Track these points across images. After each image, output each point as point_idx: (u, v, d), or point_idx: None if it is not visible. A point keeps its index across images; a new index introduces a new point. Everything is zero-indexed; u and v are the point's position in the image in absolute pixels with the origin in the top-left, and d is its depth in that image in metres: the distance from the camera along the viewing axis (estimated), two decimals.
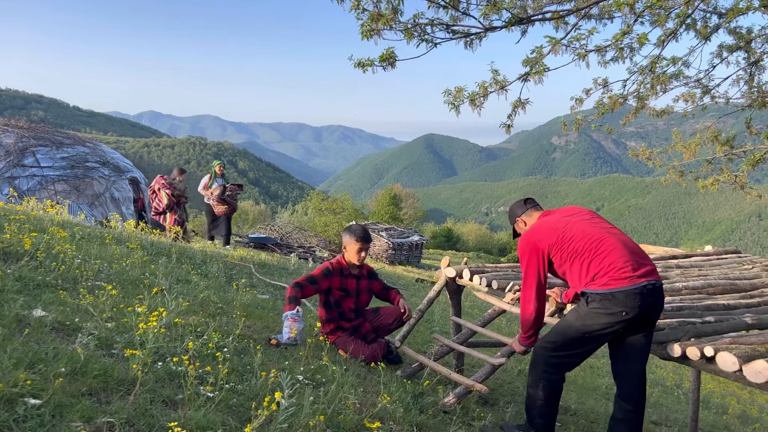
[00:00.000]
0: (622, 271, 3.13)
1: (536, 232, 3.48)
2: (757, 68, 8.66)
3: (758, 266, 5.61)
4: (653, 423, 6.15)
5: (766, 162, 9.21)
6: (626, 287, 3.10)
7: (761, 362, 2.80)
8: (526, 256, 3.44)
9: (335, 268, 4.46)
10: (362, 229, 4.52)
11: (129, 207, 14.94)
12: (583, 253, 3.26)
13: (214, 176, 11.32)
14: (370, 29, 5.63)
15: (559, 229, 3.38)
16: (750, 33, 8.34)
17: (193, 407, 2.45)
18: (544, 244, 3.38)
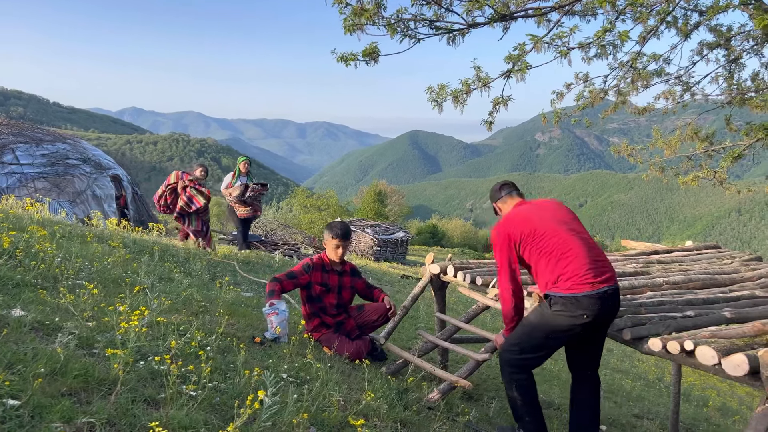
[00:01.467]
0: (585, 277, 3.25)
1: (509, 222, 3.53)
2: (736, 66, 8.78)
3: (737, 261, 5.69)
4: (635, 416, 6.22)
5: (745, 158, 9.35)
6: (588, 292, 3.23)
7: (739, 356, 2.84)
8: (498, 246, 3.51)
9: (316, 263, 4.48)
10: (341, 226, 4.53)
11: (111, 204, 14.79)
12: (551, 253, 3.34)
13: (238, 174, 9.84)
14: (353, 24, 5.62)
15: (533, 222, 3.44)
16: (730, 30, 8.44)
17: (175, 406, 2.43)
18: (516, 235, 3.44)
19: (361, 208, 56.07)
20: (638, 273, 4.87)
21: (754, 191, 11.25)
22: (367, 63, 6.02)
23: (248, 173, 9.96)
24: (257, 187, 9.78)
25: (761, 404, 2.79)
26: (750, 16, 7.55)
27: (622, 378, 8.97)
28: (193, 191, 8.72)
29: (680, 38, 8.03)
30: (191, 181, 8.74)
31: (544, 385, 6.21)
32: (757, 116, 9.37)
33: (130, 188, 16.56)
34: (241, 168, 9.87)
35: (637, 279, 4.57)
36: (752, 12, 7.20)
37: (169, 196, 8.85)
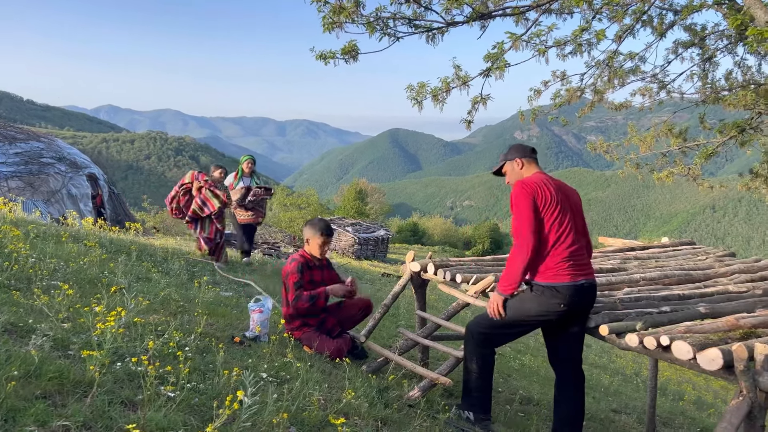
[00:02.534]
0: (566, 269, 3.37)
1: (537, 184, 3.46)
2: (710, 64, 8.93)
3: (711, 257, 5.79)
4: (613, 411, 6.30)
5: (719, 155, 9.51)
6: (567, 283, 3.36)
7: (714, 350, 2.89)
8: (524, 200, 3.41)
9: (303, 261, 4.46)
10: (325, 223, 4.57)
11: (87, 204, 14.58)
12: (556, 235, 3.41)
13: (241, 175, 8.91)
14: (332, 22, 5.60)
15: (556, 198, 3.44)
16: (704, 30, 8.59)
17: (153, 408, 2.40)
18: (540, 199, 3.42)
19: (341, 206, 55.98)
20: (615, 269, 4.94)
21: (727, 188, 11.46)
22: (346, 61, 6.01)
23: (252, 174, 9.03)
24: (260, 191, 8.84)
25: (735, 397, 2.84)
26: (724, 15, 7.69)
27: (600, 373, 9.08)
28: (208, 193, 7.84)
29: (656, 37, 8.15)
30: (207, 182, 7.90)
31: (524, 381, 6.26)
32: (731, 114, 9.54)
33: (106, 187, 16.34)
34: (244, 168, 8.93)
35: (614, 275, 4.63)
36: (726, 12, 7.34)
37: (182, 197, 8.00)
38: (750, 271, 5.14)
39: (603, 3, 6.64)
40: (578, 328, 3.58)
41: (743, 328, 3.36)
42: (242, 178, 8.86)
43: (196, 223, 8.03)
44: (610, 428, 5.39)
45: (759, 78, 8.97)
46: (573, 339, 3.62)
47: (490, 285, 4.20)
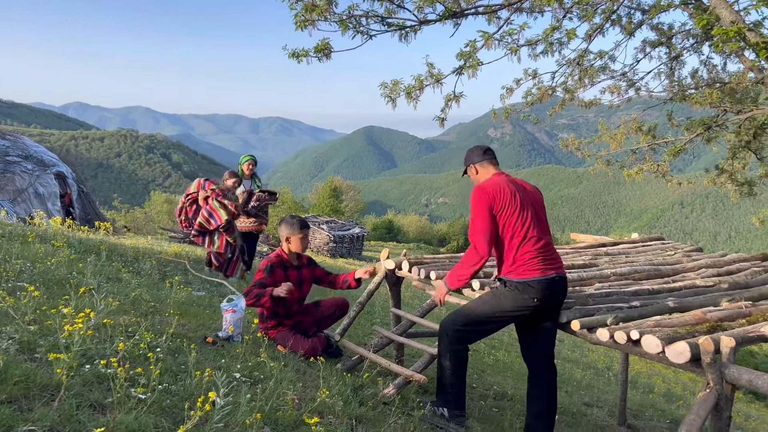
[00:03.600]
0: (537, 264, 3.45)
1: (494, 188, 3.53)
2: (677, 63, 9.10)
3: (680, 252, 5.91)
4: (585, 405, 6.39)
5: (686, 152, 9.71)
6: (538, 277, 3.43)
7: (682, 344, 2.95)
8: (480, 207, 3.50)
9: (275, 261, 4.41)
10: (300, 218, 4.57)
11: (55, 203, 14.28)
12: (518, 234, 3.47)
13: (241, 178, 7.83)
14: (304, 20, 5.57)
15: (515, 198, 3.50)
16: (671, 29, 8.75)
17: (123, 410, 2.36)
18: (498, 203, 3.48)
19: (316, 204, 55.76)
20: (587, 265, 5.01)
21: (694, 184, 11.70)
22: (319, 59, 5.98)
23: (253, 176, 8.05)
24: (264, 196, 7.89)
25: (703, 389, 2.91)
26: (690, 15, 7.85)
27: (573, 367, 9.22)
28: (215, 204, 6.96)
29: (625, 36, 8.28)
30: (214, 191, 7.05)
31: (497, 377, 6.32)
32: (697, 112, 9.74)
33: (75, 186, 16.02)
34: (245, 170, 7.92)
35: (585, 271, 4.69)
36: (692, 11, 7.49)
37: (189, 208, 7.19)
38: (716, 266, 5.26)
39: (573, 2, 6.72)
40: (550, 324, 3.64)
41: (710, 321, 3.43)
42: (242, 181, 7.91)
43: (204, 237, 7.16)
44: (583, 422, 5.47)
45: (724, 77, 9.17)
46: (545, 334, 3.68)
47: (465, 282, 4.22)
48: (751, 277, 4.89)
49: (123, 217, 30.81)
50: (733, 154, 9.85)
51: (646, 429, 6.10)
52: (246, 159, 8.03)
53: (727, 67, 9.17)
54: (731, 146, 9.84)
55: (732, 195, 10.16)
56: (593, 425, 5.48)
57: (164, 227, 26.21)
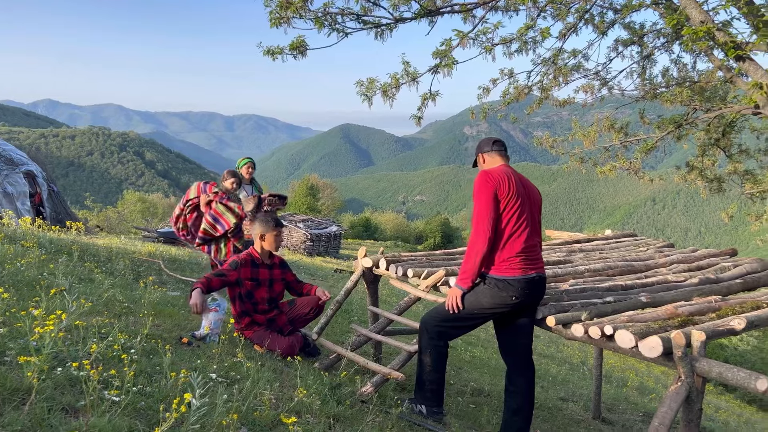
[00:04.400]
0: (519, 263, 3.47)
1: (500, 176, 3.53)
2: (648, 62, 9.25)
3: (652, 248, 6.02)
4: (561, 399, 6.48)
5: (658, 150, 9.88)
6: (519, 276, 3.46)
7: (654, 338, 3.01)
8: (485, 192, 3.48)
9: (245, 259, 4.40)
10: (273, 216, 4.56)
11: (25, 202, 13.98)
12: (514, 228, 3.49)
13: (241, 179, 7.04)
14: (279, 17, 5.54)
15: (518, 191, 3.51)
16: (642, 28, 8.89)
17: (96, 413, 2.32)
18: (503, 192, 3.48)
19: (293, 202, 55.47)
20: (561, 261, 5.07)
21: (666, 181, 11.93)
22: (294, 57, 5.96)
23: (253, 180, 7.33)
24: (275, 200, 7.09)
25: (674, 383, 2.96)
26: (661, 14, 7.98)
27: (548, 363, 9.33)
28: (220, 207, 6.28)
29: (597, 35, 8.39)
30: (216, 194, 6.36)
31: (475, 373, 6.36)
32: (668, 110, 9.93)
33: (45, 185, 15.69)
34: (244, 173, 7.15)
35: (560, 267, 4.75)
36: (663, 11, 7.61)
37: (189, 215, 6.47)
38: (687, 261, 5.37)
39: (547, 1, 6.79)
40: (528, 320, 3.68)
41: (681, 316, 3.50)
42: (243, 187, 7.17)
43: (210, 245, 6.43)
44: (558, 416, 5.54)
45: (694, 75, 9.36)
46: (523, 331, 3.71)
47: (440, 279, 4.24)
48: (720, 272, 5.00)
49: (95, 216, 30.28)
50: (703, 152, 10.06)
51: (620, 422, 6.20)
52: (244, 162, 7.21)
53: (696, 66, 9.37)
54: (701, 144, 10.05)
55: (702, 191, 10.38)
56: (569, 419, 5.56)
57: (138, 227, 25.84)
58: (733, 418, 10.19)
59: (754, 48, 6.15)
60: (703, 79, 9.14)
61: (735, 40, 5.96)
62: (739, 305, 3.80)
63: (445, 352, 3.79)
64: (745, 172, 10.09)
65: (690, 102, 9.31)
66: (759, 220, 10.05)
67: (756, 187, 9.80)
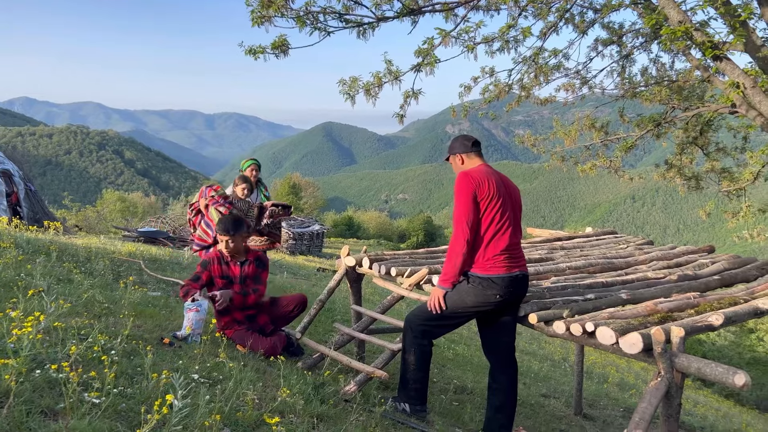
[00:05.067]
0: (503, 261, 3.49)
1: (480, 175, 3.53)
2: (628, 61, 9.36)
3: (632, 245, 6.09)
4: (543, 396, 6.53)
5: (637, 148, 10.01)
6: (503, 275, 3.48)
7: (634, 334, 3.04)
8: (464, 193, 3.49)
9: (213, 257, 4.36)
10: (226, 221, 4.36)
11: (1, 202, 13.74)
12: (495, 227, 3.50)
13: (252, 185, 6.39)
14: (261, 16, 5.50)
15: (499, 190, 3.52)
16: (622, 28, 8.99)
17: (76, 416, 2.29)
18: (483, 192, 3.49)
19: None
20: (543, 259, 5.11)
21: (645, 179, 12.08)
22: (276, 56, 5.92)
23: (258, 183, 6.59)
24: (278, 210, 6.41)
25: (654, 378, 3.00)
26: (640, 14, 8.07)
27: (530, 359, 9.39)
28: (213, 214, 5.76)
29: (578, 34, 8.47)
30: (213, 197, 5.87)
31: (458, 370, 6.39)
32: (648, 109, 10.05)
33: (22, 184, 15.43)
34: (247, 175, 6.38)
35: (542, 265, 4.79)
36: (642, 11, 7.70)
37: (194, 219, 6.17)
38: (666, 258, 5.44)
39: (528, 0, 6.83)
40: (511, 318, 3.70)
41: (661, 312, 3.55)
42: None
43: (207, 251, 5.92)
44: (540, 413, 5.58)
45: (672, 74, 9.48)
46: (506, 329, 3.73)
47: (424, 277, 4.25)
48: (698, 269, 5.08)
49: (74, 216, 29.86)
50: (681, 150, 10.20)
51: (601, 418, 6.27)
52: (248, 164, 6.47)
53: (675, 65, 9.49)
54: (679, 142, 10.19)
55: (680, 189, 10.53)
56: (551, 416, 5.61)
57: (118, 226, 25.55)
58: (711, 413, 10.36)
59: (731, 48, 6.25)
60: (681, 78, 9.27)
61: (712, 40, 6.05)
62: (717, 301, 3.87)
63: (429, 351, 3.80)
64: (723, 170, 10.25)
65: (668, 101, 9.43)
66: (736, 217, 10.22)
67: (733, 184, 9.96)
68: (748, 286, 4.66)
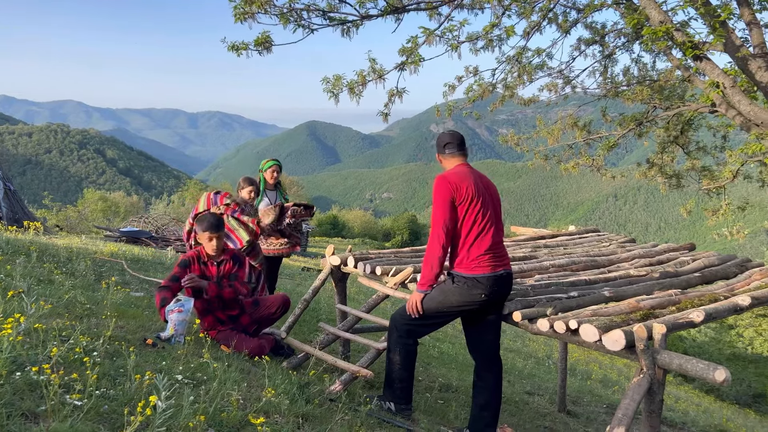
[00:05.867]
0: (487, 261, 3.50)
1: (458, 178, 3.52)
2: (610, 61, 9.44)
3: (614, 243, 6.15)
4: (527, 393, 6.57)
5: (619, 147, 10.11)
6: (487, 274, 3.49)
7: (617, 332, 3.07)
8: (441, 196, 3.48)
9: (192, 256, 4.30)
10: (210, 218, 4.30)
11: None
12: (476, 229, 3.50)
13: (264, 188, 6.06)
14: (244, 12, 5.47)
15: (478, 191, 3.51)
16: (604, 28, 9.07)
17: (57, 418, 2.26)
18: (461, 194, 3.48)
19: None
20: (527, 257, 5.13)
21: (627, 177, 12.21)
22: (259, 53, 5.89)
23: (278, 185, 6.19)
24: (300, 210, 5.91)
25: (636, 375, 3.03)
26: (622, 14, 8.15)
27: (515, 357, 9.45)
28: (232, 223, 5.33)
29: (561, 34, 8.53)
30: (228, 206, 5.38)
31: (443, 369, 6.41)
32: (629, 108, 10.16)
33: (1, 184, 15.19)
34: (268, 178, 6.05)
35: (526, 263, 4.82)
36: (623, 11, 7.77)
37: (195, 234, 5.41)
38: (648, 256, 5.50)
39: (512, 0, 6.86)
40: (496, 317, 3.72)
41: (643, 309, 3.59)
42: (265, 193, 6.08)
43: None
44: (525, 410, 5.62)
45: (653, 74, 9.59)
46: (491, 328, 3.75)
47: (409, 276, 4.26)
48: (680, 267, 5.14)
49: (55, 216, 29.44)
50: (663, 149, 10.32)
51: (584, 414, 6.33)
52: (269, 165, 6.10)
53: (656, 65, 9.60)
54: (660, 141, 10.31)
55: (662, 187, 10.65)
56: (535, 413, 5.64)
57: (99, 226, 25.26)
58: (693, 408, 10.50)
59: (711, 48, 6.33)
60: (662, 77, 9.38)
61: (693, 40, 6.13)
62: (698, 298, 3.91)
63: (414, 350, 3.81)
64: (703, 168, 10.39)
65: (650, 100, 9.54)
66: (716, 215, 10.36)
67: (712, 183, 10.09)
68: (727, 283, 4.73)
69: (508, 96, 8.74)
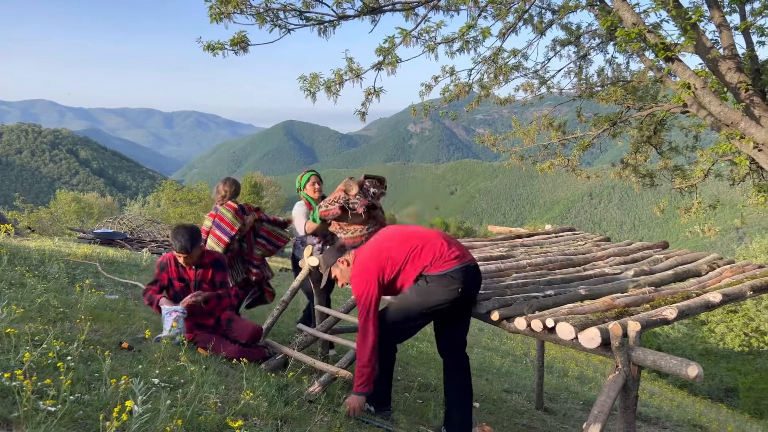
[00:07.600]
0: (450, 255, 3.56)
1: (369, 265, 3.63)
2: (585, 61, 9.57)
3: (590, 242, 6.22)
4: (505, 391, 6.63)
5: (594, 147, 10.25)
6: (457, 266, 3.54)
7: (593, 329, 3.11)
8: (363, 288, 3.58)
9: (170, 257, 4.27)
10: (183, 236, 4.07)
11: None
12: (408, 256, 3.58)
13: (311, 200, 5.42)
14: (220, 12, 5.42)
15: (397, 255, 3.60)
16: (579, 29, 9.19)
17: (30, 425, 2.22)
18: (387, 275, 3.59)
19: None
20: (504, 256, 5.17)
21: (602, 177, 12.38)
22: (235, 52, 5.85)
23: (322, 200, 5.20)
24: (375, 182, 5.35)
25: (612, 372, 3.08)
26: (596, 16, 8.26)
27: (492, 356, 9.52)
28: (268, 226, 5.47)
29: (536, 35, 8.61)
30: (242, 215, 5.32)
31: (421, 368, 6.43)
32: (604, 108, 10.30)
33: None
34: (310, 193, 5.42)
35: (503, 262, 4.85)
36: (598, 13, 7.88)
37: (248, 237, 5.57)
38: (623, 254, 5.58)
39: (487, 1, 6.92)
40: (467, 318, 3.80)
41: (618, 307, 3.64)
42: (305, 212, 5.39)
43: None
44: (503, 408, 5.66)
45: (627, 75, 9.74)
46: (462, 328, 3.84)
47: None
48: (653, 264, 5.23)
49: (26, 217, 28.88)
50: (636, 149, 10.49)
51: (561, 411, 6.40)
52: (307, 177, 5.48)
53: (629, 66, 9.75)
54: (634, 141, 10.48)
55: (635, 186, 10.82)
56: (512, 410, 5.69)
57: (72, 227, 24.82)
58: (666, 403, 10.68)
59: (682, 49, 6.45)
60: (635, 78, 9.53)
61: (665, 42, 6.23)
62: (671, 296, 3.98)
63: (394, 353, 3.86)
64: (675, 167, 10.59)
65: (624, 101, 9.68)
66: (688, 213, 10.56)
67: (685, 182, 10.29)
68: (699, 280, 4.83)
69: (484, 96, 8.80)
